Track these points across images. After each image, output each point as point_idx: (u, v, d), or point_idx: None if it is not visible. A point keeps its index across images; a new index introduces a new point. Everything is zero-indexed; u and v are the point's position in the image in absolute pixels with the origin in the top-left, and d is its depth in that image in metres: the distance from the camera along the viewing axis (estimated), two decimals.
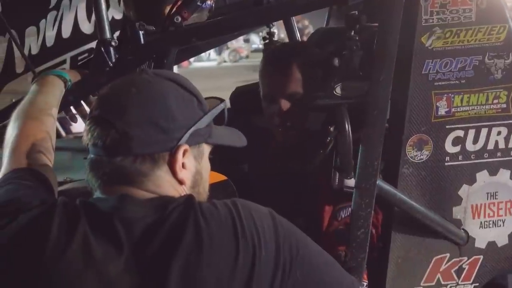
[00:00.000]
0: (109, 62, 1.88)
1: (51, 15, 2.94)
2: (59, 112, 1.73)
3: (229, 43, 24.07)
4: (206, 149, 1.36)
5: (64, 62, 2.98)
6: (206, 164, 1.38)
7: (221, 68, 22.36)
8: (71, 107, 1.93)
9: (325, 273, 1.31)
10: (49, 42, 2.96)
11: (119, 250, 1.15)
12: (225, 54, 24.55)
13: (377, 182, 1.79)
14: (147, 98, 1.24)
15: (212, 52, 25.13)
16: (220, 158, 2.15)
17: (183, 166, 1.27)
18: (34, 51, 2.93)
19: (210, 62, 24.59)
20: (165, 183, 1.26)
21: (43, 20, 2.93)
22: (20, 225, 1.17)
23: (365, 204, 1.78)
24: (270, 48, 2.60)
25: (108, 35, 1.92)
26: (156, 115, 1.23)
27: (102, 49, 1.89)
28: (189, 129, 1.27)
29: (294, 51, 2.22)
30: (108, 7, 2.97)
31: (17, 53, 2.87)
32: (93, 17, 2.62)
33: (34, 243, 1.15)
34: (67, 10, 2.96)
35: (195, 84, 1.36)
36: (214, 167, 2.00)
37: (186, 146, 1.26)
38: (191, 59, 23.51)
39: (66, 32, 2.99)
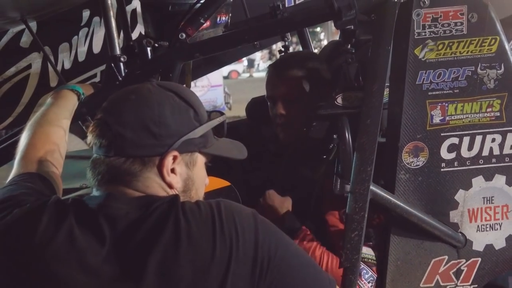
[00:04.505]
0: (119, 77, 2.00)
1: (82, 32, 3.12)
2: (72, 122, 1.86)
3: (278, 53, 24.27)
4: (200, 158, 1.43)
5: (95, 76, 3.16)
6: (199, 172, 1.44)
7: None
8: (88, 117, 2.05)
9: (303, 273, 1.35)
10: (81, 57, 3.15)
11: (102, 243, 1.26)
12: None
13: (370, 187, 1.88)
14: (142, 105, 1.34)
15: (261, 63, 25.41)
16: (241, 166, 2.29)
17: (173, 171, 1.36)
18: (67, 66, 3.12)
19: (259, 73, 24.78)
20: (153, 184, 1.35)
21: (75, 37, 3.11)
22: (14, 218, 1.31)
23: (359, 208, 1.87)
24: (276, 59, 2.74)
25: (118, 51, 2.06)
26: (149, 120, 1.32)
27: (112, 64, 2.01)
28: (181, 137, 1.35)
29: (293, 59, 2.38)
30: (136, 23, 3.14)
31: (51, 68, 3.05)
32: (122, 33, 2.77)
33: (25, 233, 1.28)
34: (97, 27, 3.14)
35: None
36: (230, 174, 2.13)
37: (175, 153, 1.34)
38: (240, 70, 23.89)
39: (97, 48, 3.17)
